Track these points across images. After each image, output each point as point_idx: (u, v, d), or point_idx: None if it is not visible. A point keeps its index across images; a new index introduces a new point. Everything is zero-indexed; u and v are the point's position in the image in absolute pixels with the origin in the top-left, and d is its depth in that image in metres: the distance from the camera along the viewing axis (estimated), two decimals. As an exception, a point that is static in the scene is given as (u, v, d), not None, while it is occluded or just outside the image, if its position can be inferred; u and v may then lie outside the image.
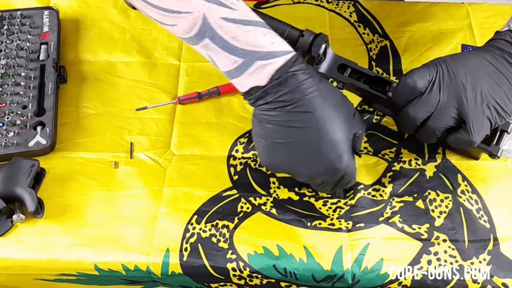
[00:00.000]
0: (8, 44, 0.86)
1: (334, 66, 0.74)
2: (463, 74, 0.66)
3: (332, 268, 0.68)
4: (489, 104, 0.66)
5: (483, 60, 0.68)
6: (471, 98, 0.66)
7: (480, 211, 0.73)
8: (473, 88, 0.66)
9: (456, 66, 0.67)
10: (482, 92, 0.66)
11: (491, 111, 0.66)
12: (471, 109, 0.66)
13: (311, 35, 0.71)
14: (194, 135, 0.81)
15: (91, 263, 0.69)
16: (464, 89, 0.66)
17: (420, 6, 0.96)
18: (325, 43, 0.71)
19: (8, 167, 0.73)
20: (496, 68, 0.67)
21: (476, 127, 0.66)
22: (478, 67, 0.67)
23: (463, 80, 0.66)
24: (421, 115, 0.68)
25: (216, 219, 0.72)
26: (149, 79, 0.86)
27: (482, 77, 0.66)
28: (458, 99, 0.66)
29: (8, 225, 0.71)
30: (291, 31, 0.71)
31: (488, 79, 0.67)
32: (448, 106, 0.67)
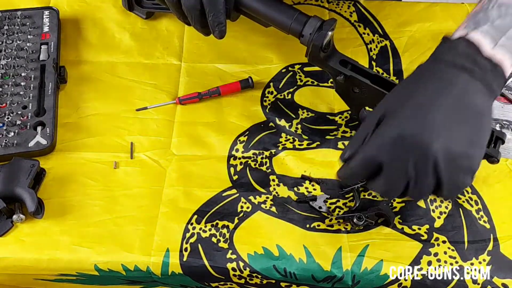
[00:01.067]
0: (8, 44, 0.86)
1: (336, 60, 0.74)
2: (426, 138, 0.55)
3: (332, 269, 0.68)
4: (458, 164, 0.56)
5: (446, 105, 0.56)
6: (439, 163, 0.55)
7: (480, 211, 0.73)
8: (432, 154, 0.54)
9: (409, 124, 0.56)
10: (446, 156, 0.55)
11: (464, 168, 0.56)
12: (442, 174, 0.55)
13: (318, 20, 0.71)
14: (194, 135, 0.81)
15: (91, 263, 0.69)
16: (426, 157, 0.55)
17: (420, 6, 0.96)
18: (331, 31, 0.71)
19: (8, 167, 0.73)
20: (456, 102, 0.56)
21: (453, 189, 0.58)
22: (441, 118, 0.55)
23: (428, 147, 0.54)
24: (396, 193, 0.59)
25: (216, 219, 0.73)
26: (150, 79, 0.86)
27: (441, 133, 0.55)
28: (426, 168, 0.55)
29: (8, 225, 0.71)
30: (299, 16, 0.72)
31: (448, 131, 0.55)
32: (420, 180, 0.56)
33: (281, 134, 0.81)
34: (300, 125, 0.82)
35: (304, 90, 0.86)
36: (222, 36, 0.72)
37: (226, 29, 0.72)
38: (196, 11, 0.69)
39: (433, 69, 0.60)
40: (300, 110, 0.84)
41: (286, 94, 0.85)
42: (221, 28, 0.71)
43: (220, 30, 0.71)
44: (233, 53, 0.90)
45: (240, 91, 0.85)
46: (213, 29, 0.71)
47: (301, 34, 0.72)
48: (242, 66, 0.88)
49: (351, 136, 0.81)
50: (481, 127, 0.57)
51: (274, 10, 0.72)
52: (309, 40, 0.71)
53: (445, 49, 0.60)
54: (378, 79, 0.74)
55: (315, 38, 0.71)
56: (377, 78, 0.74)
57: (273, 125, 0.82)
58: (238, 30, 0.91)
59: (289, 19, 0.72)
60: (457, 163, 0.55)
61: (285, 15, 0.72)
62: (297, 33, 0.72)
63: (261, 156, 0.79)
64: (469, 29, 0.60)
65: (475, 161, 0.57)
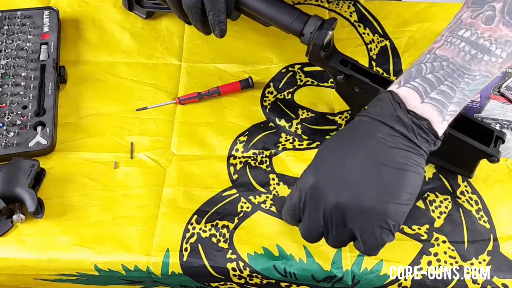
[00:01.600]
0: (8, 44, 0.86)
1: (336, 59, 0.75)
2: (337, 191, 0.56)
3: (332, 269, 0.68)
4: (369, 218, 0.55)
5: (358, 157, 0.56)
6: (354, 218, 0.56)
7: (480, 211, 0.73)
8: (346, 210, 0.56)
9: (322, 176, 0.57)
10: (355, 209, 0.55)
11: (377, 223, 0.56)
12: (353, 227, 0.57)
13: (319, 20, 0.71)
14: (194, 135, 0.81)
15: (91, 263, 0.69)
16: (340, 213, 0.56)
17: (420, 6, 0.96)
18: (332, 30, 0.71)
19: (8, 167, 0.73)
20: (371, 156, 0.56)
21: (369, 243, 0.57)
22: (353, 171, 0.56)
23: (339, 199, 0.56)
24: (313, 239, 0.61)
25: (216, 219, 0.73)
26: (150, 79, 0.86)
27: (350, 186, 0.55)
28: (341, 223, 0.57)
29: (8, 225, 0.71)
30: (300, 15, 0.72)
31: (359, 184, 0.55)
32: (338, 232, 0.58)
33: (281, 134, 0.81)
34: (300, 125, 0.82)
35: (304, 90, 0.86)
36: (222, 35, 0.72)
37: (226, 28, 0.72)
38: (197, 10, 0.69)
39: (358, 123, 0.60)
40: (300, 110, 0.84)
41: (286, 94, 0.85)
42: (221, 27, 0.71)
43: (221, 29, 0.71)
44: (233, 53, 0.90)
45: (240, 91, 0.85)
46: (214, 28, 0.71)
47: (302, 33, 0.72)
48: (242, 66, 0.88)
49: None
50: (400, 182, 0.55)
51: (275, 9, 0.72)
52: (310, 39, 0.71)
53: (373, 104, 0.60)
54: (378, 79, 0.74)
55: (316, 37, 0.71)
56: (377, 77, 0.74)
57: (273, 125, 0.82)
58: (239, 29, 0.91)
59: (289, 18, 0.72)
60: (368, 217, 0.55)
61: (286, 14, 0.72)
62: (298, 32, 0.72)
63: (261, 155, 0.79)
64: (400, 83, 0.60)
65: (391, 217, 0.55)
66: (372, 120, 0.58)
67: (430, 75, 0.59)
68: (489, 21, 0.60)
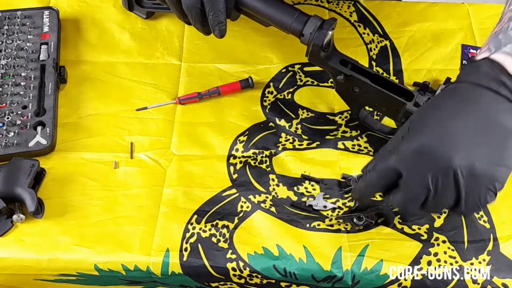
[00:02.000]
0: (8, 44, 0.86)
1: (336, 59, 0.75)
2: (447, 153, 0.55)
3: (332, 269, 0.68)
4: (479, 181, 0.55)
5: (468, 121, 0.56)
6: (461, 179, 0.55)
7: (480, 211, 0.73)
8: (459, 170, 0.55)
9: (430, 138, 0.56)
10: (467, 171, 0.55)
11: (485, 187, 0.56)
12: (461, 189, 0.56)
13: (319, 20, 0.71)
14: (194, 135, 0.81)
15: (91, 263, 0.69)
16: (449, 172, 0.55)
17: (420, 6, 0.96)
18: (332, 30, 0.71)
19: (8, 167, 0.73)
20: (480, 120, 0.56)
21: (472, 206, 0.57)
22: (463, 135, 0.56)
23: (448, 161, 0.55)
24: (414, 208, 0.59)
25: (216, 219, 0.73)
26: (150, 79, 0.86)
27: (462, 148, 0.55)
28: (448, 182, 0.56)
29: (8, 225, 0.71)
30: (299, 15, 0.72)
31: (470, 147, 0.55)
32: (442, 195, 0.57)
33: (281, 134, 0.81)
34: (300, 125, 0.82)
35: (304, 90, 0.86)
36: (222, 35, 0.72)
37: (226, 28, 0.72)
38: (197, 10, 0.69)
39: (457, 89, 0.60)
40: (300, 110, 0.84)
41: (286, 94, 0.85)
42: (221, 27, 0.71)
43: (220, 29, 0.71)
44: (233, 53, 0.90)
45: (240, 91, 0.85)
46: (213, 28, 0.71)
47: (302, 33, 0.72)
48: (242, 66, 0.88)
49: (351, 136, 0.81)
50: (507, 146, 0.55)
51: (275, 9, 0.72)
52: (310, 39, 0.71)
53: (469, 71, 0.60)
54: (378, 79, 0.74)
55: (316, 37, 0.71)
56: (377, 77, 0.74)
57: (273, 125, 0.82)
58: (238, 30, 0.91)
59: (289, 18, 0.72)
60: (478, 180, 0.55)
61: (286, 15, 0.72)
62: (298, 33, 0.72)
63: (261, 155, 0.79)
64: (491, 50, 0.60)
65: (498, 180, 0.55)
66: (472, 86, 0.58)
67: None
68: None
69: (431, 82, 0.85)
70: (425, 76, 0.87)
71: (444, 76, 0.85)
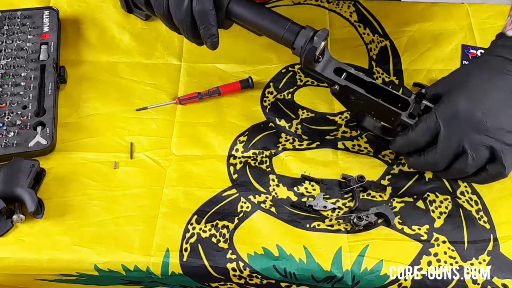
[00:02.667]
0: (8, 44, 0.86)
1: (330, 69, 0.73)
2: (482, 115, 0.64)
3: (332, 269, 0.68)
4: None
5: (499, 89, 0.65)
6: (497, 136, 0.63)
7: (480, 212, 0.73)
8: (495, 126, 0.63)
9: (472, 105, 0.64)
10: (509, 133, 0.63)
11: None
12: (500, 146, 0.63)
13: (311, 30, 0.70)
14: (194, 135, 0.81)
15: (91, 263, 0.69)
16: (486, 129, 0.63)
17: (420, 6, 0.96)
18: (324, 41, 0.70)
19: (8, 167, 0.73)
20: (510, 90, 0.65)
21: (509, 161, 0.64)
22: (496, 100, 0.64)
23: (484, 122, 0.63)
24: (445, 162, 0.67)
25: (216, 219, 0.73)
26: (150, 79, 0.86)
27: (503, 112, 0.64)
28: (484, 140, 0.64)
29: (8, 225, 0.71)
30: (292, 26, 0.71)
31: (502, 113, 0.64)
32: (478, 150, 0.64)
33: (281, 134, 0.81)
34: (300, 125, 0.82)
35: (304, 90, 0.86)
36: (215, 48, 0.72)
37: (218, 40, 0.71)
38: (188, 24, 0.69)
39: (489, 61, 0.67)
40: (300, 110, 0.84)
41: (286, 94, 0.85)
42: (213, 39, 0.71)
43: (212, 41, 0.71)
44: (233, 53, 0.90)
45: (240, 91, 0.85)
46: (205, 40, 0.71)
47: (293, 45, 0.70)
48: (242, 66, 0.88)
49: (351, 136, 0.81)
50: None
51: (266, 20, 0.71)
52: (301, 51, 0.70)
53: (500, 45, 0.67)
54: (374, 87, 0.73)
55: (307, 49, 0.70)
56: (373, 86, 0.73)
57: (273, 125, 0.82)
58: (238, 30, 0.90)
59: (281, 29, 0.70)
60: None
61: (277, 25, 0.71)
62: (289, 44, 0.71)
63: (261, 155, 0.79)
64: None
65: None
66: (504, 59, 0.66)
67: None
68: None
69: (431, 82, 0.85)
70: (425, 76, 0.87)
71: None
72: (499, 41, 0.69)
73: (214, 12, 0.68)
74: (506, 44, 0.67)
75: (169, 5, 0.68)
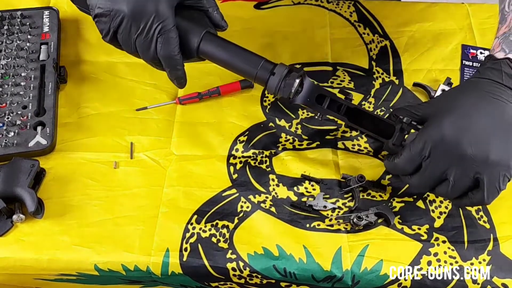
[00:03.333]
0: (8, 44, 0.86)
1: (312, 97, 0.72)
2: (468, 144, 0.62)
3: (332, 269, 0.68)
4: (497, 170, 0.62)
5: (486, 116, 0.63)
6: (483, 171, 0.62)
7: (480, 211, 0.73)
8: (484, 161, 0.62)
9: (457, 132, 0.62)
10: (485, 162, 0.61)
11: (502, 175, 0.62)
12: (481, 178, 0.62)
13: (284, 68, 0.68)
14: (194, 135, 0.81)
15: (91, 263, 0.69)
16: (473, 163, 0.62)
17: (420, 6, 0.96)
18: (299, 77, 0.69)
19: (8, 167, 0.73)
20: (498, 115, 0.63)
21: (492, 193, 0.63)
22: (483, 127, 0.62)
23: (469, 151, 0.62)
24: (430, 185, 0.66)
25: (216, 219, 0.73)
26: (150, 79, 0.86)
27: (489, 141, 0.62)
28: (468, 172, 0.62)
29: (8, 225, 0.71)
30: (264, 64, 0.69)
31: (488, 139, 0.62)
32: (460, 179, 0.63)
33: (281, 134, 0.81)
34: (300, 125, 0.82)
35: (304, 90, 0.86)
36: (182, 87, 0.73)
37: (186, 81, 0.72)
38: (156, 65, 0.70)
39: (478, 84, 0.65)
40: (300, 110, 0.84)
41: (286, 94, 0.85)
42: (179, 81, 0.72)
43: (179, 82, 0.72)
44: (233, 53, 0.89)
45: (240, 91, 0.85)
46: (172, 81, 0.72)
47: (267, 85, 0.69)
48: (242, 66, 0.88)
49: (351, 136, 0.81)
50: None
51: (239, 58, 0.70)
52: (275, 91, 0.69)
53: (489, 68, 0.66)
54: (356, 111, 0.72)
55: (282, 88, 0.69)
56: (355, 109, 0.72)
57: (273, 125, 0.82)
58: (238, 30, 0.91)
59: (254, 68, 0.69)
60: (496, 169, 0.61)
61: (250, 64, 0.69)
62: (263, 83, 0.70)
63: (261, 155, 0.79)
64: (506, 51, 0.66)
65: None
66: (493, 83, 0.64)
67: None
68: None
69: (431, 82, 0.85)
70: (425, 76, 0.87)
71: (444, 76, 0.85)
72: (488, 64, 0.67)
73: (180, 56, 0.68)
74: (495, 67, 0.66)
75: (136, 47, 0.68)
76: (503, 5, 0.72)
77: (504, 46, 0.67)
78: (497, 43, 0.69)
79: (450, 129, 0.63)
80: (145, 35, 0.66)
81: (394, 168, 0.67)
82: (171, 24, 0.65)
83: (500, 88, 0.64)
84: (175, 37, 0.66)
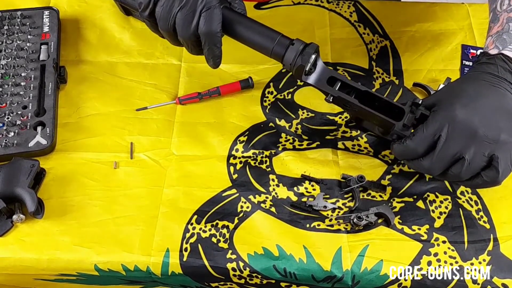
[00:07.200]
0: (8, 44, 0.86)
1: (324, 79, 0.72)
2: (480, 124, 0.64)
3: (332, 269, 0.68)
4: (509, 148, 0.64)
5: (490, 100, 0.66)
6: (495, 144, 0.64)
7: (479, 212, 0.73)
8: (493, 137, 0.64)
9: (469, 113, 0.65)
10: (504, 141, 0.64)
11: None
12: (495, 157, 0.64)
13: (301, 44, 0.69)
14: (194, 135, 0.81)
15: (91, 263, 0.69)
16: (483, 140, 0.64)
17: (420, 6, 0.96)
18: (315, 54, 0.69)
19: (8, 167, 0.73)
20: (498, 102, 0.66)
21: (506, 171, 0.65)
22: (490, 109, 0.66)
23: (481, 130, 0.64)
24: (442, 167, 0.67)
25: (216, 219, 0.73)
26: (150, 79, 0.86)
27: (498, 122, 0.65)
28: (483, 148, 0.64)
29: (8, 225, 0.71)
30: (281, 39, 0.70)
31: (496, 121, 0.65)
32: (475, 159, 0.64)
33: (281, 134, 0.81)
34: (300, 125, 0.82)
35: (304, 90, 0.86)
36: (216, 67, 0.73)
37: (221, 60, 0.72)
38: (193, 42, 0.69)
39: (477, 76, 0.68)
40: (300, 110, 0.84)
41: (286, 94, 0.85)
42: (215, 60, 0.71)
43: (215, 62, 0.72)
44: (233, 53, 0.89)
45: (240, 91, 0.85)
46: (208, 59, 0.72)
47: (283, 60, 0.70)
48: (242, 66, 0.88)
49: (351, 136, 0.81)
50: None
51: (256, 33, 0.70)
52: (291, 66, 0.70)
53: (485, 63, 0.69)
54: (368, 96, 0.72)
55: (298, 64, 0.69)
56: (367, 94, 0.72)
57: (273, 125, 0.82)
58: (238, 30, 0.91)
59: (270, 43, 0.70)
60: (508, 147, 0.64)
61: (267, 39, 0.70)
62: (279, 58, 0.70)
63: (261, 155, 0.79)
64: (499, 48, 0.69)
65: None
66: (490, 75, 0.68)
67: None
68: None
69: (431, 82, 0.85)
70: (425, 76, 0.87)
71: (444, 76, 0.85)
72: (484, 59, 0.70)
73: (220, 34, 0.68)
74: (491, 62, 0.69)
75: (175, 22, 0.67)
76: (494, 5, 0.74)
77: (497, 43, 0.70)
78: (491, 41, 0.71)
79: (462, 110, 0.65)
80: (189, 8, 0.65)
81: (405, 151, 0.67)
82: (216, 0, 0.65)
83: (497, 79, 0.67)
84: (219, 14, 0.66)
